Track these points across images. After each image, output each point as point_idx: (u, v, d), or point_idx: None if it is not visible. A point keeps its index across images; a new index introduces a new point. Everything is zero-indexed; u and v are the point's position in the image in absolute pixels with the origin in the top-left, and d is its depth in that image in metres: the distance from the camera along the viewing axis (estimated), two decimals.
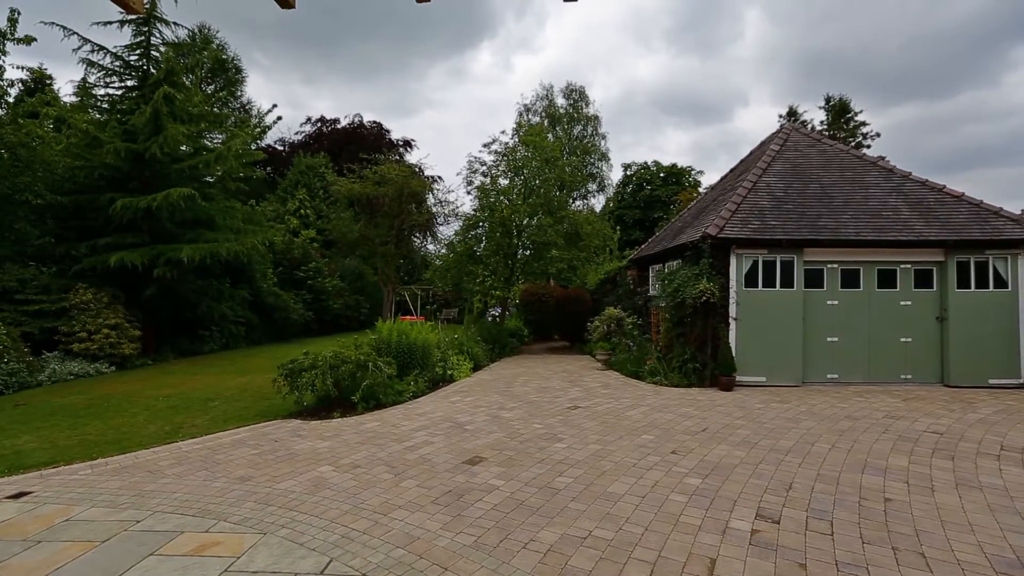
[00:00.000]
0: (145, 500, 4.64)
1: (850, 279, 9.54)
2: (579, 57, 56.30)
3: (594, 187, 32.83)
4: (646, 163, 32.32)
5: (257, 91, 55.02)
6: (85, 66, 14.67)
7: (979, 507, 4.32)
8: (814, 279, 9.52)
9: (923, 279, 9.52)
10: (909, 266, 9.49)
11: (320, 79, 56.87)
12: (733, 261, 9.32)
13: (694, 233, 9.99)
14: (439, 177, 25.54)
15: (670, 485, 4.81)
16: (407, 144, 35.89)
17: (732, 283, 9.28)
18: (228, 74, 32.55)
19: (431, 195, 21.61)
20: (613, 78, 54.13)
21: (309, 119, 36.74)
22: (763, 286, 9.37)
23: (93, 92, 15.22)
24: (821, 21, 50.74)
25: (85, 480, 5.20)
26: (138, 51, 15.21)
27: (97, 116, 15.17)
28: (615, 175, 34.94)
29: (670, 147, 57.15)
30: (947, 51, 48.75)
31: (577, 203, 33.85)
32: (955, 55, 48.69)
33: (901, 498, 4.50)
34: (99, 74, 15.06)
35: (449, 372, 10.61)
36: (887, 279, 9.53)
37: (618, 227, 29.21)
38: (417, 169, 23.14)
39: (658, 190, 31.37)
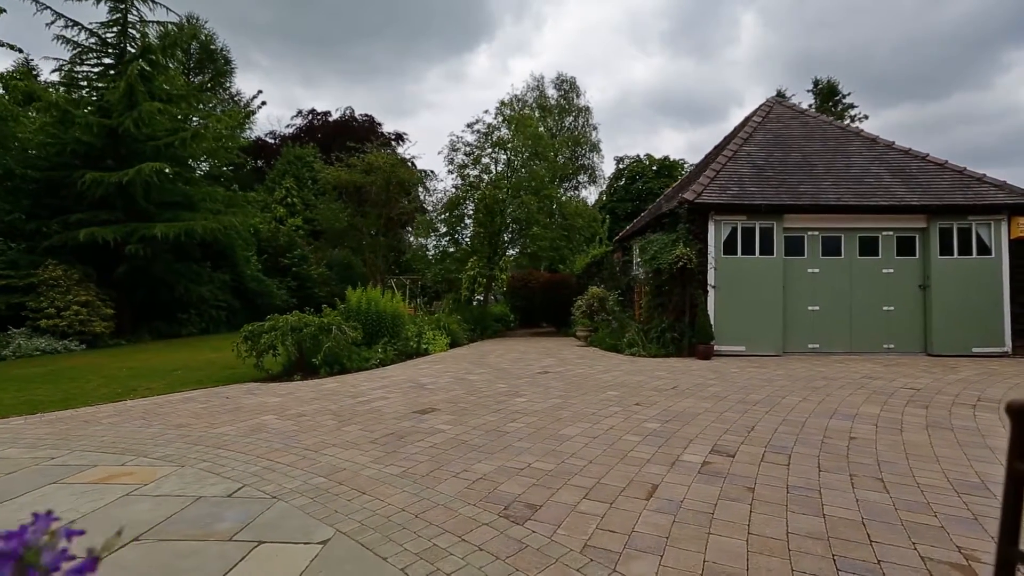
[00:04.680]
0: (69, 443, 4.38)
1: (831, 247, 9.32)
2: (576, 60, 56.06)
3: (585, 178, 32.60)
4: (638, 156, 32.09)
5: (253, 89, 54.71)
6: (60, 43, 14.42)
7: (948, 443, 4.08)
8: (794, 247, 9.30)
9: (905, 246, 9.30)
10: (891, 233, 9.27)
11: (319, 80, 56.50)
12: (711, 227, 9.08)
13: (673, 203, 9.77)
14: (431, 172, 25.35)
15: (626, 429, 4.56)
16: (399, 137, 35.62)
17: (710, 249, 9.05)
18: (217, 64, 32.27)
19: (423, 189, 21.47)
20: (610, 80, 53.90)
21: (300, 111, 36.41)
22: (742, 253, 9.14)
23: (66, 69, 14.91)
24: (815, 25, 50.64)
25: (14, 428, 4.94)
26: (115, 28, 14.92)
27: (74, 96, 14.90)
28: (607, 167, 34.80)
29: (666, 148, 57.13)
30: (939, 54, 48.68)
31: (569, 194, 33.66)
32: (947, 58, 48.63)
33: (867, 437, 4.27)
34: (75, 51, 14.79)
35: (424, 346, 10.35)
36: (869, 247, 9.31)
37: (607, 217, 29.01)
38: (410, 163, 22.91)
39: (650, 182, 31.14)
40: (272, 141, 34.92)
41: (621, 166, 32.68)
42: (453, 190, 15.62)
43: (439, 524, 2.69)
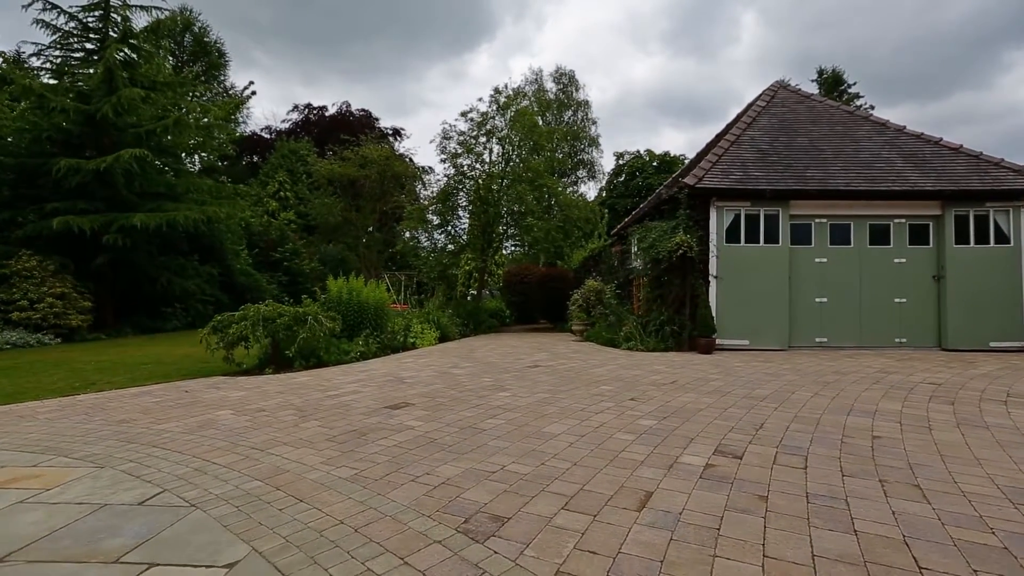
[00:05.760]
0: None
1: (840, 235, 8.80)
2: (577, 60, 55.64)
3: (584, 174, 32.05)
4: (638, 152, 31.55)
5: (257, 89, 54.22)
6: (39, 27, 13.92)
7: (986, 443, 3.57)
8: (801, 235, 8.78)
9: (918, 235, 8.78)
10: (903, 220, 8.74)
11: (319, 79, 55.99)
12: (713, 214, 8.56)
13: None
14: (429, 168, 24.81)
15: (619, 426, 4.06)
16: (396, 133, 35.03)
17: (712, 237, 8.53)
18: (211, 57, 31.70)
19: (420, 185, 21.00)
20: (610, 80, 53.43)
21: (296, 106, 35.78)
22: (746, 241, 8.62)
23: (46, 54, 14.41)
24: (815, 25, 50.11)
25: None
26: (96, 13, 14.41)
27: (53, 82, 14.40)
28: (607, 162, 34.26)
29: (666, 146, 56.53)
30: (940, 53, 48.12)
31: (568, 190, 33.12)
32: (948, 58, 48.07)
33: (892, 436, 3.76)
34: (55, 36, 14.29)
35: (411, 340, 9.86)
36: (880, 235, 8.79)
37: (607, 213, 28.47)
38: (408, 159, 22.30)
39: (651, 178, 30.59)
40: (268, 136, 34.37)
41: (621, 162, 32.07)
42: (445, 179, 15.09)
43: (380, 541, 2.18)
